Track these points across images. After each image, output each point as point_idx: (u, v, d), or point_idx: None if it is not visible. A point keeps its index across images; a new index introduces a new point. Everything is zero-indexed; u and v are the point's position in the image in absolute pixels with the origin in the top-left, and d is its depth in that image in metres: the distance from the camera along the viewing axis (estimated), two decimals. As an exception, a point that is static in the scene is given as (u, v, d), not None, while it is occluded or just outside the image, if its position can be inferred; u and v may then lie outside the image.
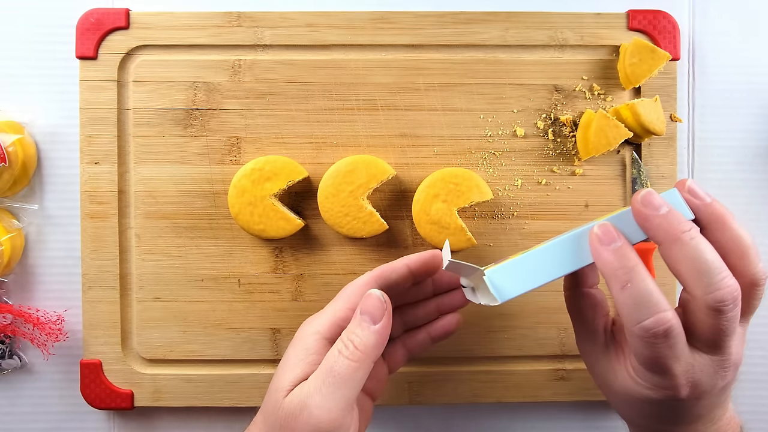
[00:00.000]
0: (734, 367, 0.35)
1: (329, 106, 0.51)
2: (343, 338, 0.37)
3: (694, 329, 0.34)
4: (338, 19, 0.51)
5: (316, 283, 0.51)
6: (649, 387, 0.35)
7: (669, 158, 0.51)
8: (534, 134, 0.51)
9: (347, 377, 0.35)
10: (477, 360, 0.52)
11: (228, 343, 0.51)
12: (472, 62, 0.51)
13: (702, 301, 0.33)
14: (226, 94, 0.51)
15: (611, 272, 0.34)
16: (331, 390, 0.35)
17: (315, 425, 0.34)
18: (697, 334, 0.34)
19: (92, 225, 0.50)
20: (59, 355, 0.52)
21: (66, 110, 0.52)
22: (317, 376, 0.36)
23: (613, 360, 0.38)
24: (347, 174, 0.48)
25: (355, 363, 0.35)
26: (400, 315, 0.45)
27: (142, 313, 0.51)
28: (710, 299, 0.32)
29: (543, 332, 0.51)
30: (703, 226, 0.35)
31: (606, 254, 0.34)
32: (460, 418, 0.54)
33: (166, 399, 0.51)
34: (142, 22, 0.50)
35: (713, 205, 0.35)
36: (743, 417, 0.54)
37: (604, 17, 0.51)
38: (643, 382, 0.36)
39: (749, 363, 0.53)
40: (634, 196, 0.35)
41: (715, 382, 0.35)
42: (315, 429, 0.35)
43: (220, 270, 0.51)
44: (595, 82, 0.51)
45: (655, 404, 0.36)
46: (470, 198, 0.48)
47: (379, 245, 0.51)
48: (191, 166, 0.51)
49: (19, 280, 0.52)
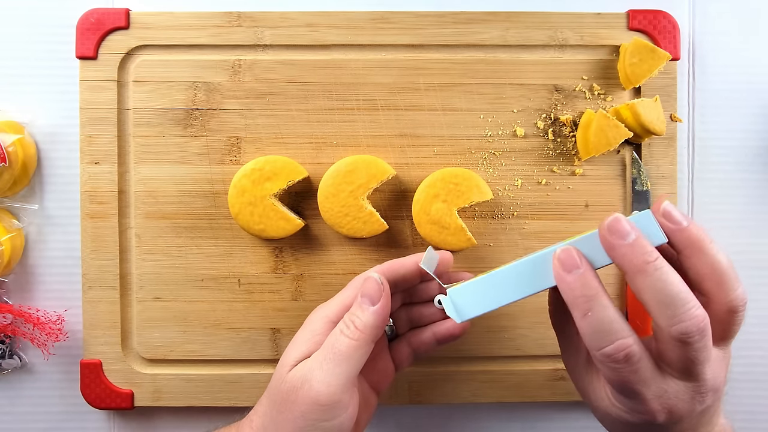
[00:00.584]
0: (713, 391, 0.34)
1: (329, 106, 0.51)
2: (345, 319, 0.39)
3: (664, 357, 0.34)
4: (338, 19, 0.51)
5: (316, 283, 0.51)
6: (625, 411, 0.35)
7: (669, 158, 0.51)
8: (534, 134, 0.51)
9: (348, 355, 0.37)
10: (477, 360, 0.52)
11: (228, 343, 0.51)
12: (472, 62, 0.51)
13: (667, 332, 0.32)
14: (226, 94, 0.51)
15: (572, 299, 0.34)
16: (332, 366, 0.37)
17: (314, 398, 0.36)
18: (667, 361, 0.34)
19: (92, 225, 0.50)
20: (59, 355, 0.52)
21: (66, 110, 0.52)
22: (320, 353, 0.38)
23: (594, 379, 0.38)
24: (347, 174, 0.48)
25: (355, 342, 0.37)
26: (406, 312, 0.45)
27: (142, 313, 0.51)
28: (674, 331, 0.32)
29: (542, 332, 0.51)
30: (678, 251, 0.35)
31: (568, 280, 0.34)
32: (460, 418, 0.54)
33: (166, 399, 0.51)
34: (142, 22, 0.50)
35: (689, 230, 0.34)
36: (743, 417, 0.54)
37: (604, 17, 0.51)
38: (620, 405, 0.36)
39: (749, 363, 0.53)
40: (602, 222, 0.34)
41: (692, 407, 0.34)
42: (314, 401, 0.36)
43: (220, 270, 0.51)
44: (595, 82, 0.51)
45: (634, 427, 0.36)
46: (470, 198, 0.48)
47: (379, 245, 0.51)
48: (191, 166, 0.51)
49: (19, 280, 0.52)
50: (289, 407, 0.37)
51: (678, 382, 0.34)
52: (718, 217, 0.53)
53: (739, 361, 0.53)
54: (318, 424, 0.36)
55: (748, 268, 0.53)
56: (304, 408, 0.36)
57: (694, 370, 0.33)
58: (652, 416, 0.34)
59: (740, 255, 0.53)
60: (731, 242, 0.53)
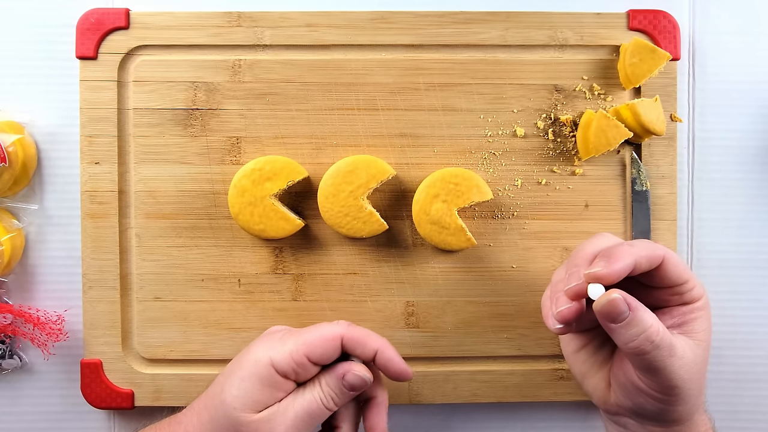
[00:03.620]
0: (676, 394, 0.37)
1: (329, 106, 0.51)
2: (325, 391, 0.40)
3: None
4: (338, 19, 0.51)
5: (316, 283, 0.51)
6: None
7: (669, 158, 0.51)
8: (534, 134, 0.51)
9: (316, 423, 0.40)
10: (477, 360, 0.52)
11: (228, 343, 0.51)
12: (472, 62, 0.51)
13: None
14: (226, 94, 0.51)
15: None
16: (305, 428, 0.39)
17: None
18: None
19: (92, 225, 0.50)
20: (59, 355, 0.52)
21: (66, 110, 0.52)
22: (297, 412, 0.39)
23: (594, 369, 0.44)
24: (347, 174, 0.48)
25: (327, 414, 0.40)
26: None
27: (143, 313, 0.51)
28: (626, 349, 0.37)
29: (543, 332, 0.51)
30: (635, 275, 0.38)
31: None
32: (460, 418, 0.54)
33: (166, 399, 0.51)
34: (142, 22, 0.50)
35: (617, 269, 0.36)
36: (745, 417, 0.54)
37: (604, 17, 0.51)
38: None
39: (750, 363, 0.53)
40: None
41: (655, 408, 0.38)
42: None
43: (220, 270, 0.51)
44: (595, 82, 0.51)
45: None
46: (470, 198, 0.48)
47: (379, 245, 0.51)
48: (191, 166, 0.51)
49: (19, 280, 0.52)
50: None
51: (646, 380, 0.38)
52: (718, 217, 0.53)
53: (739, 360, 0.53)
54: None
55: (748, 268, 0.53)
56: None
57: (655, 370, 0.37)
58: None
59: (740, 255, 0.53)
60: (731, 242, 0.53)
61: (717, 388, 0.53)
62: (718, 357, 0.53)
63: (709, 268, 0.53)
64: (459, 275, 0.51)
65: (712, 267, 0.53)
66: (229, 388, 0.39)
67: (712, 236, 0.53)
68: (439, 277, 0.51)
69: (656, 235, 0.51)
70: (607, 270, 0.36)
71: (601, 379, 0.41)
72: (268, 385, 0.39)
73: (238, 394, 0.39)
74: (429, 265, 0.51)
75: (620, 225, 0.51)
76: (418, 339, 0.51)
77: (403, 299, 0.51)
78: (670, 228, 0.51)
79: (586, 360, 0.43)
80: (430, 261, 0.51)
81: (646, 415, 0.39)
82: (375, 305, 0.51)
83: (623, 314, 0.36)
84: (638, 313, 0.36)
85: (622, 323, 0.36)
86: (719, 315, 0.53)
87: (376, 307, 0.51)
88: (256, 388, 0.39)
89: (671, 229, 0.51)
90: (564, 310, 0.38)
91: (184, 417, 0.42)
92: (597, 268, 0.36)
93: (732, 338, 0.53)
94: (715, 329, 0.53)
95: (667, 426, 0.39)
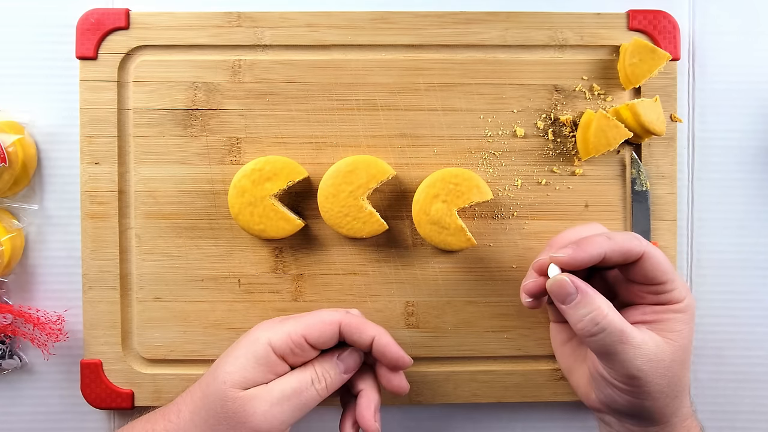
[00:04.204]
0: (634, 382, 0.38)
1: (329, 106, 0.51)
2: (318, 372, 0.41)
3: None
4: (338, 19, 0.51)
5: (316, 283, 0.51)
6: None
7: (669, 158, 0.51)
8: (534, 134, 0.51)
9: (308, 405, 0.40)
10: (477, 360, 0.52)
11: (228, 343, 0.51)
12: (472, 62, 0.51)
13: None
14: (226, 94, 0.51)
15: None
16: (291, 409, 0.39)
17: (256, 428, 0.38)
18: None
19: (92, 225, 0.50)
20: (59, 355, 0.52)
21: (66, 110, 0.52)
22: (283, 391, 0.39)
23: (578, 364, 0.46)
24: (347, 174, 0.48)
25: (319, 397, 0.41)
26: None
27: (143, 313, 0.51)
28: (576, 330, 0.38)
29: (543, 332, 0.51)
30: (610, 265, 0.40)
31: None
32: (460, 418, 0.54)
33: (166, 399, 0.51)
34: (142, 23, 0.50)
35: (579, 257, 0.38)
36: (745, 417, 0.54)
37: (604, 17, 0.51)
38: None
39: (750, 363, 0.53)
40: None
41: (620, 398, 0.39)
42: (256, 430, 0.38)
43: (220, 270, 0.51)
44: (595, 82, 0.51)
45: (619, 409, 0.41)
46: (470, 198, 0.48)
47: (379, 245, 0.51)
48: (191, 166, 0.51)
49: (19, 280, 0.52)
50: (231, 426, 0.38)
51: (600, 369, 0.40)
52: (718, 217, 0.53)
53: (739, 361, 0.53)
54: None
55: (748, 268, 0.53)
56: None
57: (611, 355, 0.38)
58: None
59: (740, 255, 0.53)
60: (731, 242, 0.53)
61: (717, 388, 0.53)
62: (718, 357, 0.53)
63: (709, 268, 0.53)
64: (459, 275, 0.51)
65: (712, 267, 0.53)
66: (223, 365, 0.40)
67: (712, 236, 0.53)
68: (439, 277, 0.51)
69: (656, 235, 0.51)
70: (568, 258, 0.38)
71: (584, 374, 0.43)
72: (263, 363, 0.40)
73: (231, 369, 0.40)
74: (429, 266, 0.51)
75: (620, 225, 0.51)
76: (418, 339, 0.51)
77: (403, 299, 0.51)
78: (670, 228, 0.51)
79: (570, 354, 0.44)
80: (430, 261, 0.51)
81: (620, 411, 0.40)
82: (375, 305, 0.51)
83: (571, 295, 0.37)
84: (587, 296, 0.37)
85: (572, 304, 0.37)
86: (719, 315, 0.53)
87: (376, 307, 0.51)
88: (250, 365, 0.40)
89: (671, 229, 0.51)
90: (529, 284, 0.41)
91: (179, 397, 0.43)
92: (561, 254, 0.38)
93: (732, 338, 0.53)
94: (715, 329, 0.53)
95: (643, 425, 0.40)
